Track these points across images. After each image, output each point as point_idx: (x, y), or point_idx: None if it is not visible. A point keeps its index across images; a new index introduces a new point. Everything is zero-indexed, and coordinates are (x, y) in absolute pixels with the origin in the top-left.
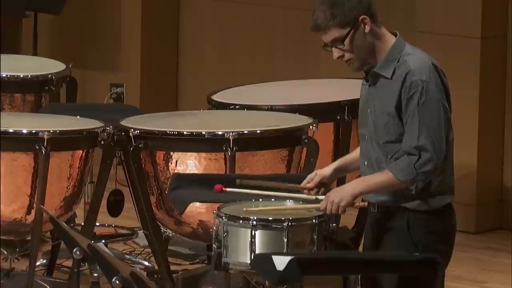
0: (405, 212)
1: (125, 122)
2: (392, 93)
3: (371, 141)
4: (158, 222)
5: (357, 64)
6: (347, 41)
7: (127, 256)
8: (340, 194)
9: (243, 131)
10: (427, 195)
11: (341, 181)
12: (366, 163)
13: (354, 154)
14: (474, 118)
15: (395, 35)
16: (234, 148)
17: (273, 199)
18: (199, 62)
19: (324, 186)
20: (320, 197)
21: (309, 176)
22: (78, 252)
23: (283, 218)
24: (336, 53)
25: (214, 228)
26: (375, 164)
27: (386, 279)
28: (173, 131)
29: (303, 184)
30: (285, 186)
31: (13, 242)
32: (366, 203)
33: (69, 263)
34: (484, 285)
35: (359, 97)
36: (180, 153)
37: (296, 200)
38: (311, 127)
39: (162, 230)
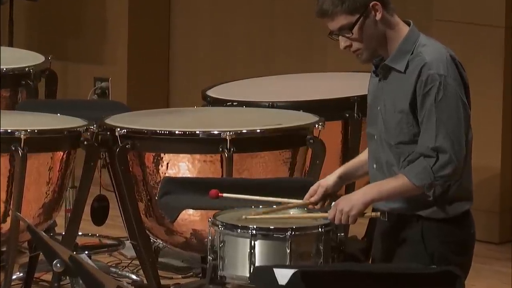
0: (419, 220)
1: (111, 120)
2: (406, 88)
3: (381, 142)
4: (147, 231)
5: (366, 55)
6: (355, 29)
7: (113, 269)
8: (350, 202)
9: (241, 130)
10: (443, 201)
11: (350, 188)
12: (375, 166)
13: (362, 157)
14: (497, 115)
15: (408, 24)
16: (232, 149)
17: (274, 206)
18: (193, 53)
19: (329, 197)
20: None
21: (312, 189)
22: (58, 265)
23: (285, 227)
24: (343, 42)
25: (209, 237)
26: (385, 167)
27: None
28: (164, 130)
29: (305, 198)
30: (285, 205)
31: None
32: (378, 213)
33: (48, 276)
34: None
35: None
36: (171, 154)
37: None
38: (316, 125)
39: (151, 240)
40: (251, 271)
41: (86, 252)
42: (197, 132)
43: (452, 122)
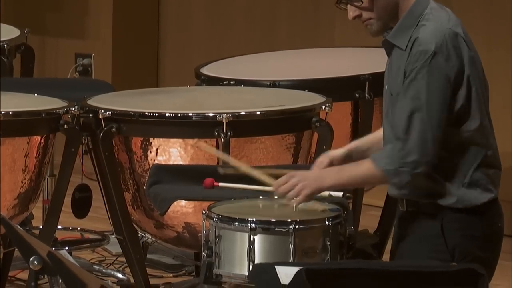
0: (439, 211)
1: (94, 101)
2: (402, 68)
3: (388, 124)
4: (134, 225)
5: (377, 26)
6: None
7: (96, 267)
8: (308, 182)
9: (239, 112)
10: (464, 188)
11: None
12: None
13: (377, 134)
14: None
15: None
16: (229, 133)
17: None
18: (185, 26)
19: None
20: (334, 193)
21: (318, 160)
22: (35, 262)
23: (288, 220)
24: (351, 12)
25: (204, 232)
26: None
27: None
28: (153, 113)
29: (312, 169)
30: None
31: None
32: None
33: (24, 275)
34: None
35: (382, 70)
36: (161, 139)
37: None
38: (323, 107)
39: (139, 235)
40: (250, 269)
41: (67, 248)
42: (190, 114)
43: (431, 105)
